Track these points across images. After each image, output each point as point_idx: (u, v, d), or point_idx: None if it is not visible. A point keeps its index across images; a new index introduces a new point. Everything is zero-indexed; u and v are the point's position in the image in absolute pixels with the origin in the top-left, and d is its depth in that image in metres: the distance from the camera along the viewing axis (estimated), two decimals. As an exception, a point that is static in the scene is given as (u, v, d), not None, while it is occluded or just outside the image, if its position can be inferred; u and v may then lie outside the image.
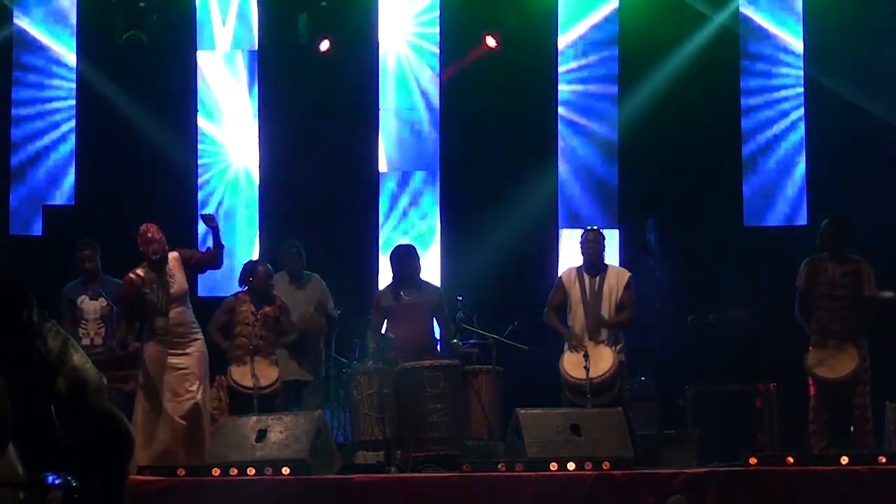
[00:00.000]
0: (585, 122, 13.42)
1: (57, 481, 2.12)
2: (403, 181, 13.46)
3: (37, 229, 13.09)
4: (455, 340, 10.29)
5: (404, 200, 13.41)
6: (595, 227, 10.44)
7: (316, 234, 12.02)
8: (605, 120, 13.42)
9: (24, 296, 2.31)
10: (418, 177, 13.49)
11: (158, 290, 9.76)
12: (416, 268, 10.52)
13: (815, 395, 10.05)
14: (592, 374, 9.55)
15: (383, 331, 10.34)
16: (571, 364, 9.73)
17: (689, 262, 12.16)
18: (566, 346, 9.96)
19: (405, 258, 10.47)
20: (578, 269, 10.24)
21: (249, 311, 10.21)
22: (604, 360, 9.70)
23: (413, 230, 13.22)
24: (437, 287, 10.59)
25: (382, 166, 13.42)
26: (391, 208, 13.38)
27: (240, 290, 10.49)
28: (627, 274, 10.23)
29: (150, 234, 9.83)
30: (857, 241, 10.32)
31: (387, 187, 13.42)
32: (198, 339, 9.82)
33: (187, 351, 9.72)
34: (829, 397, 10.01)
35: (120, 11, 13.01)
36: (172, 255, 9.90)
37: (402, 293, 10.32)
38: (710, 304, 11.90)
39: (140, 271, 9.81)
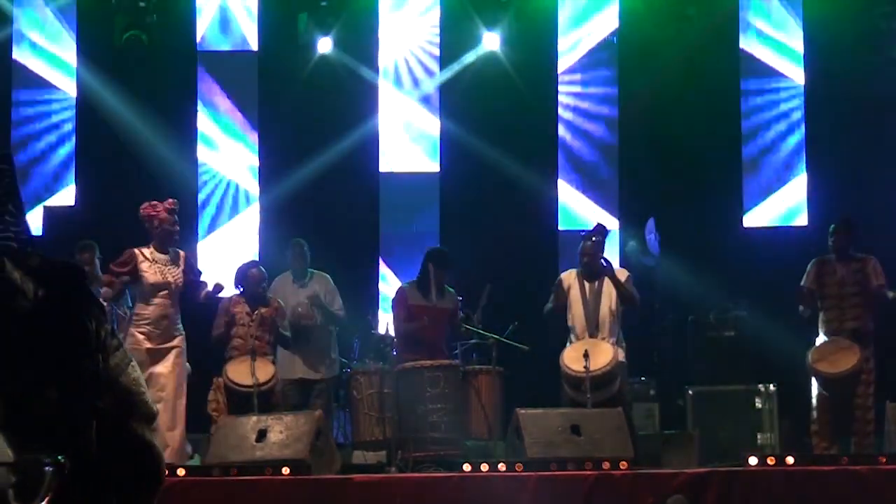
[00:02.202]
0: (585, 122, 13.42)
1: (46, 461, 2.09)
2: (404, 181, 13.46)
3: (37, 229, 13.07)
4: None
5: (404, 201, 13.40)
6: (592, 232, 10.33)
7: (316, 235, 11.99)
8: (605, 120, 13.42)
9: (94, 305, 2.28)
10: (418, 177, 13.48)
11: (157, 273, 9.69)
12: (448, 273, 10.49)
13: (817, 395, 10.04)
14: (592, 367, 9.52)
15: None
16: (571, 358, 9.72)
17: (689, 261, 12.16)
18: (567, 343, 9.96)
19: (441, 261, 10.42)
20: (579, 271, 10.23)
21: (244, 312, 10.21)
22: (603, 354, 9.69)
23: (413, 230, 13.21)
24: (455, 294, 10.55)
25: (382, 166, 13.42)
26: (391, 209, 13.38)
27: (235, 292, 10.47)
28: (626, 273, 10.23)
29: (156, 207, 9.69)
30: (856, 241, 10.32)
31: (387, 188, 13.41)
32: (178, 336, 9.60)
33: (171, 344, 9.59)
34: (831, 396, 10.00)
35: (120, 11, 13.02)
36: (181, 252, 9.85)
37: (430, 294, 10.28)
38: (710, 304, 11.90)
39: (145, 249, 9.70)
